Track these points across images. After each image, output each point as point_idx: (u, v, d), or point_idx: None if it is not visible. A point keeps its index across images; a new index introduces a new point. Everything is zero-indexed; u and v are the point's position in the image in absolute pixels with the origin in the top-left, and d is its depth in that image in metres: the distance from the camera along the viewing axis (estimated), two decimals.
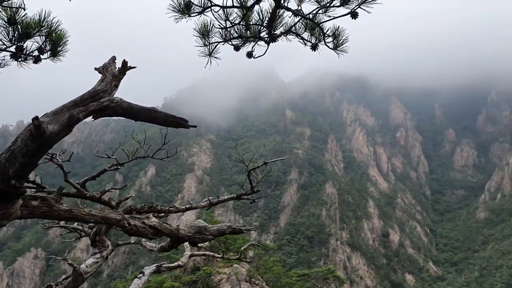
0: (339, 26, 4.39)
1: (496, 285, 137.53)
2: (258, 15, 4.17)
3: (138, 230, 4.61)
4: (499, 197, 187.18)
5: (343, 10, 4.25)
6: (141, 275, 9.60)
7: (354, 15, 4.20)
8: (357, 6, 4.15)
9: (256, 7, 4.16)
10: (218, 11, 4.11)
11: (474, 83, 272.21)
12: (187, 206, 7.02)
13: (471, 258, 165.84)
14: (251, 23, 4.29)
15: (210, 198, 6.60)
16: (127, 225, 4.49)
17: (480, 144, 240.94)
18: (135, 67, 4.56)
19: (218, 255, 9.09)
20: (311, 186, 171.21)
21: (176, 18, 4.06)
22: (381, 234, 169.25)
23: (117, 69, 4.41)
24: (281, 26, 4.41)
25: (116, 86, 4.29)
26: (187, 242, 6.15)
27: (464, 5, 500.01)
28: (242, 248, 10.67)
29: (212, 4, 4.02)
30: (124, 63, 4.44)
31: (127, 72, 4.50)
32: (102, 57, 4.79)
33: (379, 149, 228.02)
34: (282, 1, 4.08)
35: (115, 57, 4.60)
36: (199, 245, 7.24)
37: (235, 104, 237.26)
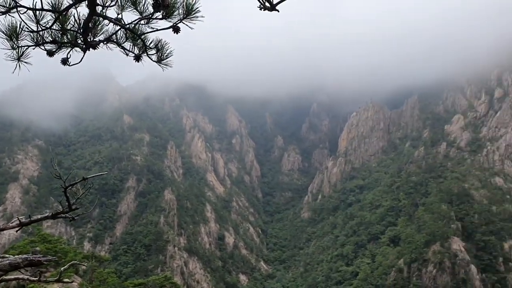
0: (161, 39, 4.39)
1: (318, 278, 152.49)
2: (75, 20, 3.95)
3: None
4: (320, 198, 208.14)
5: (166, 23, 4.25)
6: None
7: (176, 29, 4.24)
8: (179, 21, 4.20)
9: (74, 11, 3.93)
10: (24, 12, 3.76)
11: (300, 94, 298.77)
12: None
13: (297, 255, 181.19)
14: (68, 28, 4.03)
15: (20, 217, 5.90)
16: None
17: (304, 150, 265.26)
18: None
19: (33, 278, 8.06)
20: (149, 193, 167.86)
21: None
22: (218, 237, 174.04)
23: None
24: (102, 33, 4.23)
25: None
26: None
27: (295, 27, 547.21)
28: (62, 268, 9.84)
29: (18, 4, 3.74)
30: None
31: None
32: None
33: (216, 155, 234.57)
34: (98, 9, 3.91)
35: None
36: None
37: (70, 108, 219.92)
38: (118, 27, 4.16)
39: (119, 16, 4.11)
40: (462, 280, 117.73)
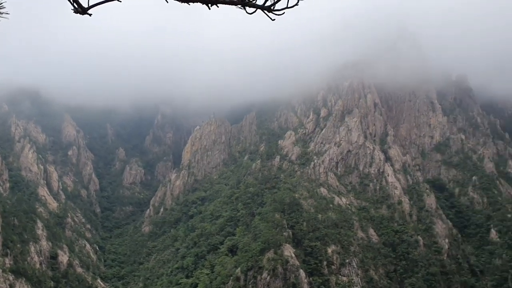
0: None
1: None
2: None
3: None
4: (162, 211, 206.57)
5: None
6: None
7: None
8: None
9: None
10: None
11: (145, 106, 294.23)
12: None
13: (136, 270, 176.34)
14: None
15: None
16: None
17: (147, 163, 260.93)
18: None
19: None
20: None
21: None
22: (50, 256, 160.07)
23: None
24: None
25: None
26: None
27: (142, 36, 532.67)
28: None
29: None
30: None
31: None
32: None
33: (50, 167, 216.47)
34: None
35: None
36: None
37: None
38: None
39: None
40: (293, 284, 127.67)
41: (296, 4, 4.21)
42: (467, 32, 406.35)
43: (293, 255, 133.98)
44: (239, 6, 4.32)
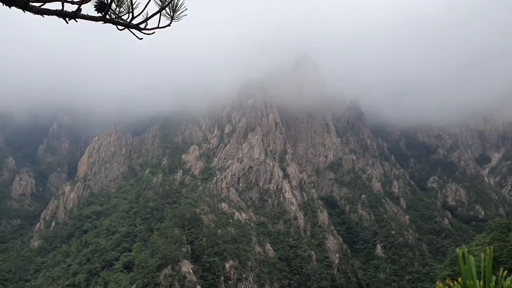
0: None
1: None
2: None
3: None
4: (53, 225, 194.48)
5: None
6: None
7: None
8: None
9: None
10: None
11: (40, 113, 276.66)
12: None
13: None
14: None
15: None
16: None
17: (40, 173, 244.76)
18: None
19: None
20: None
21: None
22: None
23: None
24: None
25: None
26: None
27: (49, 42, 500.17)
28: None
29: None
30: None
31: None
32: None
33: None
34: None
35: None
36: None
37: None
38: None
39: None
40: None
41: (169, 25, 4.00)
42: (362, 59, 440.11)
43: (191, 271, 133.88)
44: (102, 22, 3.97)
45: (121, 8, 3.91)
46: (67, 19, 3.94)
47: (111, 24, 4.06)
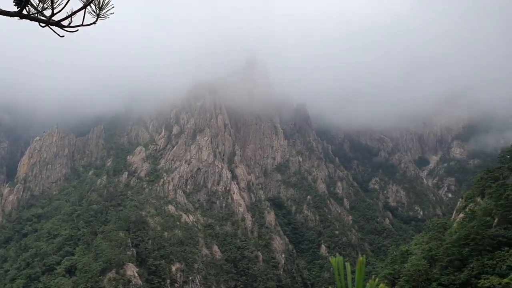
0: None
1: None
2: None
3: None
4: None
5: None
6: None
7: None
8: None
9: None
10: None
11: None
12: None
13: None
14: None
15: None
16: None
17: None
18: None
19: None
20: None
21: None
22: None
23: None
24: None
25: None
26: None
27: None
28: None
29: None
30: None
31: None
32: None
33: None
34: None
35: None
36: None
37: None
38: None
39: None
40: None
41: (94, 23, 3.81)
42: (311, 66, 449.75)
43: (136, 275, 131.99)
44: (18, 18, 3.69)
45: (44, 4, 3.67)
46: None
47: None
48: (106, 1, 3.76)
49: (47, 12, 3.71)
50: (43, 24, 3.77)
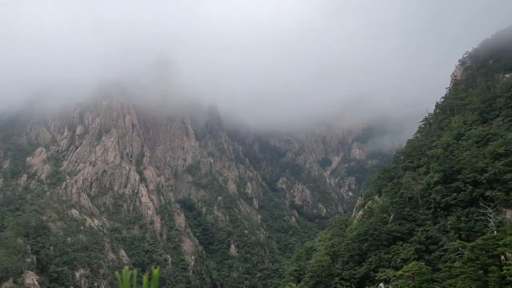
0: None
1: None
2: None
3: None
4: None
5: None
6: None
7: None
8: None
9: None
10: None
11: None
12: None
13: None
14: None
15: None
16: None
17: None
18: None
19: None
20: None
21: None
22: None
23: None
24: None
25: None
26: None
27: None
28: None
29: None
30: None
31: None
32: None
33: None
34: None
35: None
36: None
37: None
38: None
39: None
40: None
41: None
42: (224, 69, 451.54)
43: (36, 283, 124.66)
44: None
45: None
46: None
47: None
48: None
49: None
50: None
